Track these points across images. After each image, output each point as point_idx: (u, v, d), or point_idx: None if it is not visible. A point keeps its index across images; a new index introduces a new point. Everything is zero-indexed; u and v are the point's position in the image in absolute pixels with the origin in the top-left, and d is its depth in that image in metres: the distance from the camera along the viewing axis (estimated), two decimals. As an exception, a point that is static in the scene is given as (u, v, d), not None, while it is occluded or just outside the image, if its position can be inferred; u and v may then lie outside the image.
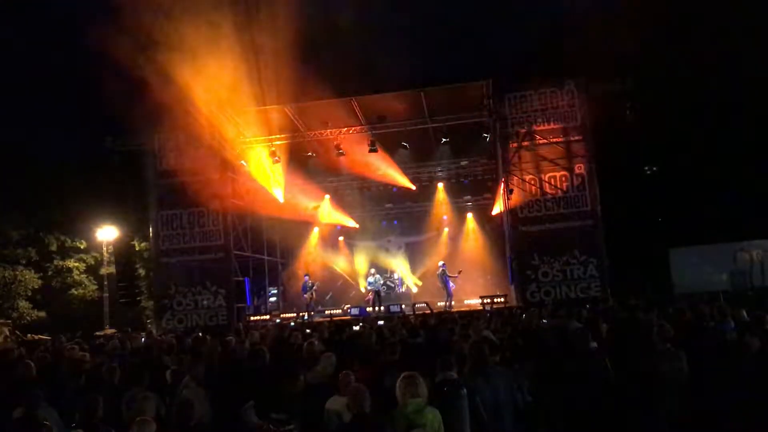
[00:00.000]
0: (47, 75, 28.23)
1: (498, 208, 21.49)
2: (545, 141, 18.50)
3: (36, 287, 27.03)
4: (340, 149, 20.37)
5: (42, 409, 5.63)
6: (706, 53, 22.41)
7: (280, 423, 4.06)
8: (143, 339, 13.42)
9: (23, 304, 26.38)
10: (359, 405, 4.65)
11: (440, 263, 21.43)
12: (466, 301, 21.59)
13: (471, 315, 13.95)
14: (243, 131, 20.62)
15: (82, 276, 28.36)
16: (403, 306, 20.84)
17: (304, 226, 25.84)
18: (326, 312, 22.14)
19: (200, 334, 12.50)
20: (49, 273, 27.90)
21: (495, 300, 18.98)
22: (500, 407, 5.37)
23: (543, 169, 18.48)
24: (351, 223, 25.81)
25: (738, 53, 22.30)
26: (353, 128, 20.20)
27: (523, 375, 6.09)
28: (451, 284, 20.70)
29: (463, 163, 23.53)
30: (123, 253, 22.26)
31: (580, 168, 18.36)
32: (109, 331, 20.58)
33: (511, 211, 18.69)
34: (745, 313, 8.54)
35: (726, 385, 4.98)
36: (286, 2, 17.05)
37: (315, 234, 26.10)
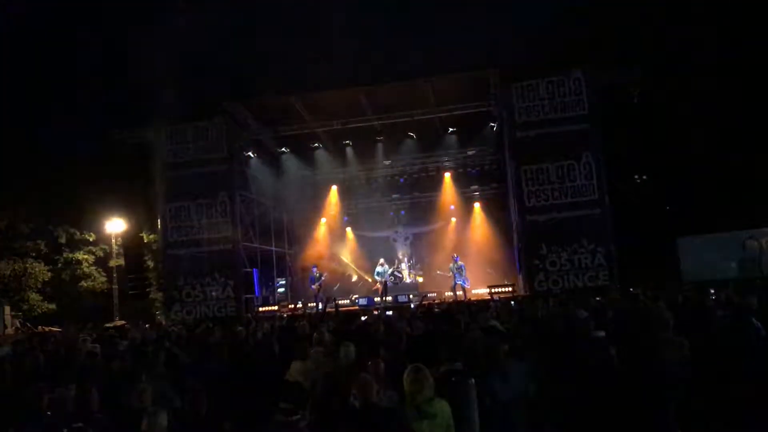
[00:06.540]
0: (56, 66, 28.28)
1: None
2: (552, 130, 18.42)
3: (46, 279, 27.20)
4: (347, 140, 20.41)
5: (52, 399, 5.67)
6: (714, 38, 22.23)
7: (288, 412, 4.09)
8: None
9: (33, 296, 26.57)
10: (366, 395, 4.67)
11: (454, 257, 21.21)
12: (473, 291, 21.58)
13: (479, 305, 13.97)
14: (250, 122, 20.69)
15: (92, 268, 28.52)
16: (411, 296, 20.85)
17: (311, 216, 25.89)
18: (333, 303, 22.18)
19: (209, 325, 12.62)
20: (59, 265, 28.07)
21: (503, 290, 19.01)
22: (512, 399, 5.36)
23: (550, 158, 18.39)
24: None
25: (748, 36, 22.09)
26: (360, 118, 20.21)
27: (533, 366, 6.08)
28: (463, 276, 20.60)
29: (470, 152, 23.47)
30: (132, 245, 22.44)
31: (587, 157, 18.25)
32: (119, 322, 20.76)
33: (518, 201, 18.65)
34: (756, 301, 8.44)
35: (728, 373, 4.98)
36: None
37: (323, 224, 26.13)
